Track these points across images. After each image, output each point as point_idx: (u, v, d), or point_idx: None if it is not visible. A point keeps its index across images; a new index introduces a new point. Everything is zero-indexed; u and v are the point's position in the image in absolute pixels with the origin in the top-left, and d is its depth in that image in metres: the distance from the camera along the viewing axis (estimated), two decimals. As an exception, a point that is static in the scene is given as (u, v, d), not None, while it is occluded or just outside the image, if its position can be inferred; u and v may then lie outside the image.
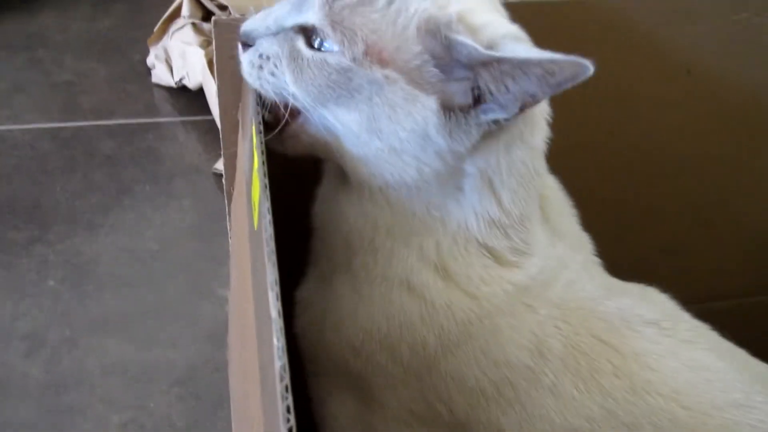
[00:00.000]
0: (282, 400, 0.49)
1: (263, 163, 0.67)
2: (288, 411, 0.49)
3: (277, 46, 0.82)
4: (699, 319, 0.93)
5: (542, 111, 0.87)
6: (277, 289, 0.56)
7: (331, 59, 0.79)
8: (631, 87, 1.12)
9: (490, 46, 0.75)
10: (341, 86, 0.79)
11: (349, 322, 0.88)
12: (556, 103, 0.87)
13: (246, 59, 0.84)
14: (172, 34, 2.08)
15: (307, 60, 0.80)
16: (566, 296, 0.88)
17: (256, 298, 0.66)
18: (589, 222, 0.95)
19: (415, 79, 0.78)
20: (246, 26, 0.84)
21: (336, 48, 0.79)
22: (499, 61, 0.74)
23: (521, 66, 0.73)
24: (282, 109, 0.83)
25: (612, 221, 1.18)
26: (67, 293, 1.59)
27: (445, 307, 0.85)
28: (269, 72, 0.82)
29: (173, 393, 1.45)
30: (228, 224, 1.05)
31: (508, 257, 0.86)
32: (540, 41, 0.83)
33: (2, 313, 1.55)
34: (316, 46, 0.80)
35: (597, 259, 0.95)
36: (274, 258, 0.58)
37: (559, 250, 0.90)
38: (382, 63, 0.78)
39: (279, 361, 0.51)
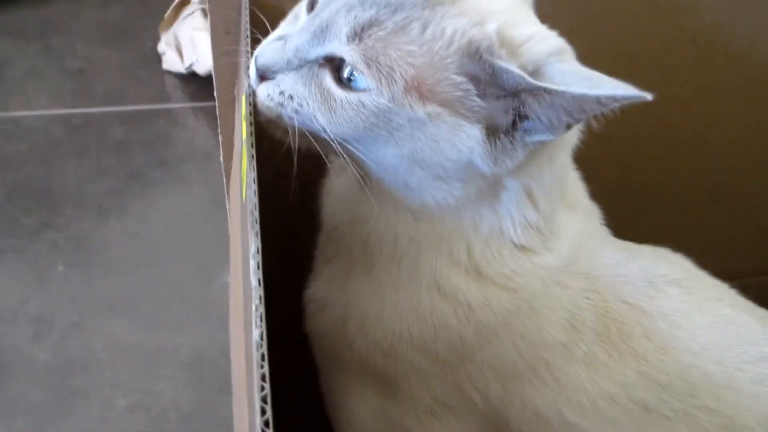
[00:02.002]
0: (258, 368, 0.48)
1: (251, 134, 0.67)
2: (263, 379, 0.48)
3: (301, 85, 0.77)
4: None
5: None
6: (258, 258, 0.55)
7: (368, 100, 0.73)
8: (635, 58, 1.10)
9: (536, 70, 0.71)
10: (380, 127, 0.74)
11: (376, 324, 0.86)
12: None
13: (263, 92, 0.78)
14: (183, 20, 2.09)
15: (341, 101, 0.74)
16: (592, 265, 0.88)
17: (242, 270, 0.66)
18: (598, 201, 0.94)
19: (457, 109, 0.73)
20: (263, 57, 0.78)
21: (372, 86, 0.73)
22: (550, 93, 0.69)
23: (576, 101, 0.68)
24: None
25: (621, 199, 1.16)
26: (76, 277, 1.60)
27: (482, 304, 0.83)
28: (293, 110, 0.77)
29: (180, 377, 1.46)
30: (227, 203, 1.05)
31: (539, 248, 0.85)
32: (544, 7, 0.82)
33: (12, 296, 1.55)
34: (345, 76, 0.74)
35: (605, 228, 0.94)
36: (257, 227, 0.57)
37: (577, 222, 0.89)
38: (423, 98, 0.73)
39: (257, 329, 0.50)
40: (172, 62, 2.12)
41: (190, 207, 1.79)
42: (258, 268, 0.54)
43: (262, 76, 0.78)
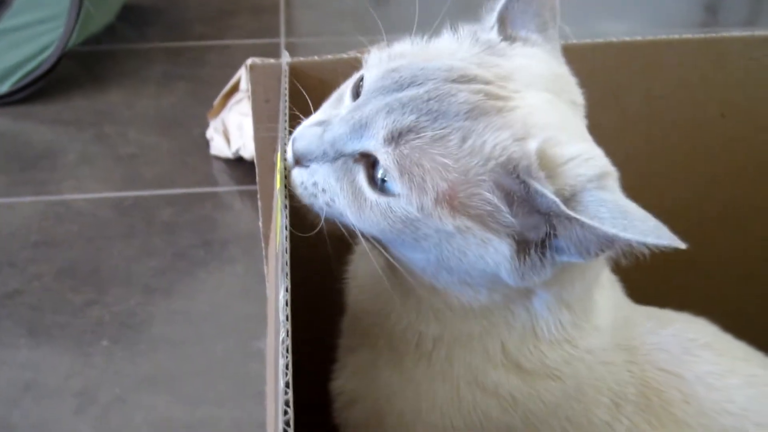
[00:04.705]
0: (282, 395, 0.50)
1: (285, 186, 0.69)
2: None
3: (334, 179, 0.76)
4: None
5: None
6: (287, 296, 0.57)
7: (396, 206, 0.72)
8: (666, 132, 1.12)
9: (573, 195, 0.69)
10: (406, 234, 0.73)
11: (414, 417, 0.85)
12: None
13: (298, 178, 0.79)
14: (231, 107, 2.16)
15: (370, 202, 0.74)
16: (627, 335, 0.89)
17: (274, 316, 0.67)
18: (632, 275, 0.94)
19: (488, 223, 0.71)
20: (300, 144, 0.78)
21: (403, 193, 0.72)
22: (582, 225, 0.67)
23: (608, 238, 0.66)
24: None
25: (651, 275, 1.17)
26: (120, 352, 1.62)
27: (529, 395, 0.83)
28: (325, 203, 0.78)
29: (218, 451, 1.46)
30: (265, 269, 1.07)
31: (579, 335, 0.84)
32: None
33: (57, 371, 1.58)
34: (379, 177, 0.74)
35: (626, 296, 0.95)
36: (287, 269, 0.59)
37: (607, 297, 0.89)
38: (453, 211, 0.71)
39: (283, 359, 0.52)
40: (219, 148, 2.18)
41: (233, 286, 1.82)
42: (287, 304, 0.55)
43: (298, 161, 0.79)
